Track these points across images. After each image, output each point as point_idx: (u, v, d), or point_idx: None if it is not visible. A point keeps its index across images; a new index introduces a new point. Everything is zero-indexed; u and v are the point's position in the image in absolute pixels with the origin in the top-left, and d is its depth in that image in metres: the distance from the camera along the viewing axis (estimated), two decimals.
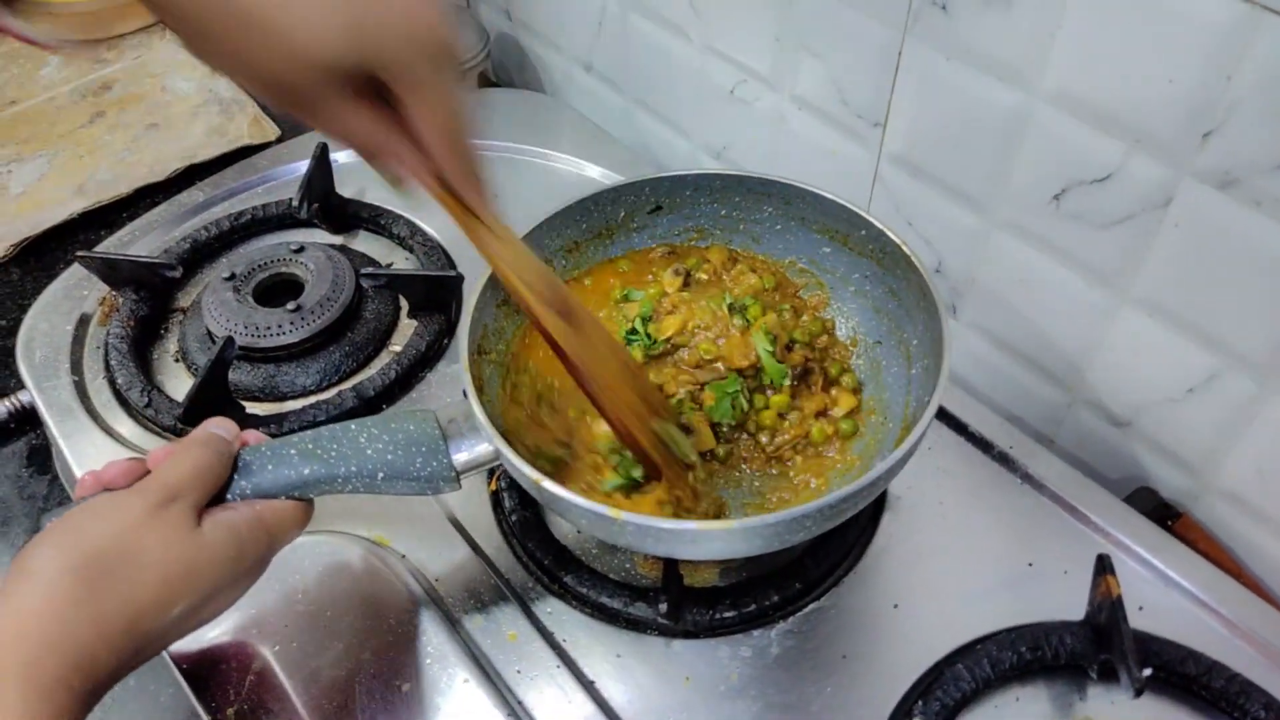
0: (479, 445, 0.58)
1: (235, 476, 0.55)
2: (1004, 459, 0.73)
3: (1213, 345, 0.65)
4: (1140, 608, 0.63)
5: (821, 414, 0.67)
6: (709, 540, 0.53)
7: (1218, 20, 0.55)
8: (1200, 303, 0.64)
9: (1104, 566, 0.61)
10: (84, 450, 0.75)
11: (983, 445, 0.74)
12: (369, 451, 0.57)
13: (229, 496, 0.55)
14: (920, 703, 0.59)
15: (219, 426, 0.57)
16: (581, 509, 0.53)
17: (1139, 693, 0.56)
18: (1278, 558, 0.69)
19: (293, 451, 0.56)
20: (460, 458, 0.58)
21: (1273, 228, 0.58)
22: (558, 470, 0.62)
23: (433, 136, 0.47)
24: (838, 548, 0.68)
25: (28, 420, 0.85)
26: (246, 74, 0.45)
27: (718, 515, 0.63)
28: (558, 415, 0.66)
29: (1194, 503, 0.72)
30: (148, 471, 0.54)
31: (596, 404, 0.59)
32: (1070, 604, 0.63)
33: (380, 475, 0.57)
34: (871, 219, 0.67)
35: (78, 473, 0.74)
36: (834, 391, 0.68)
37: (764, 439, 0.66)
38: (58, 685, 0.45)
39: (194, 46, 0.45)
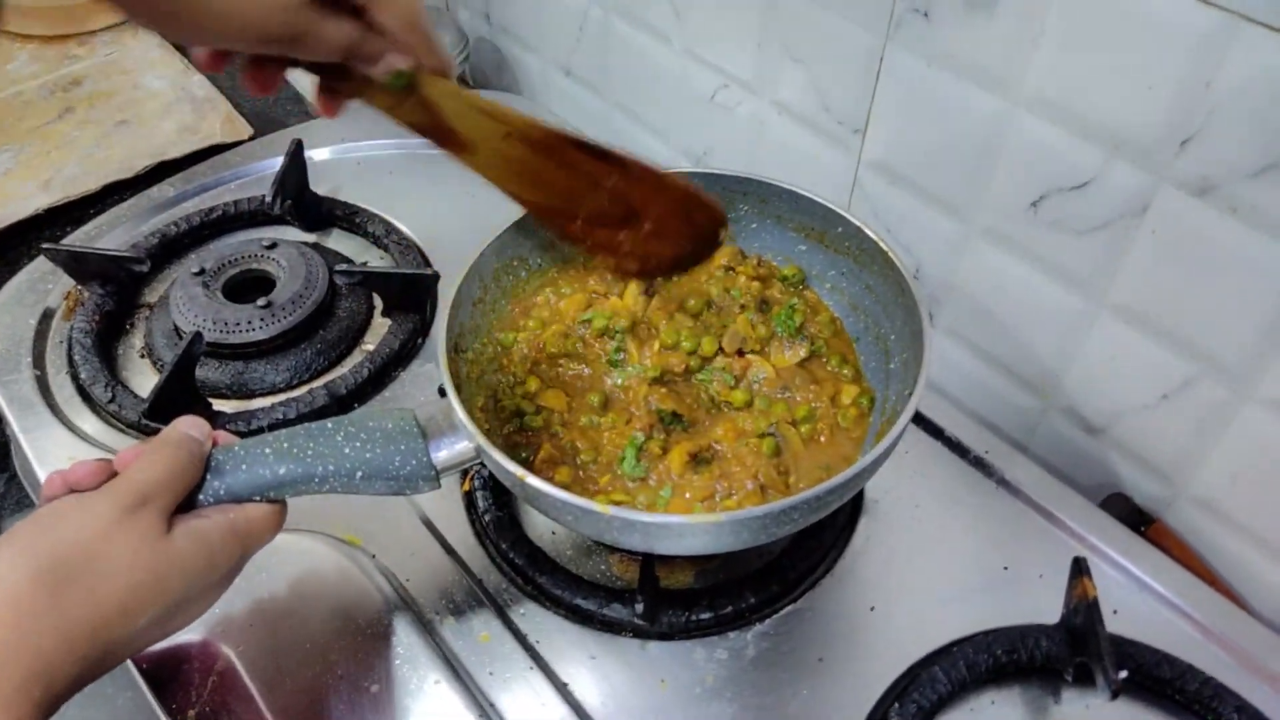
0: (459, 443, 0.57)
1: (208, 477, 0.53)
2: (980, 463, 0.73)
3: (1188, 351, 0.66)
4: (1115, 611, 0.63)
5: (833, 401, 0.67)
6: (695, 534, 0.52)
7: (1197, 28, 0.56)
8: (1176, 309, 0.65)
9: (1080, 569, 0.61)
10: (45, 446, 0.73)
11: (959, 450, 0.74)
12: (346, 450, 0.56)
13: (201, 498, 0.53)
14: (897, 705, 0.59)
15: (191, 426, 0.55)
16: (567, 504, 0.52)
17: (1115, 694, 0.56)
18: (1249, 563, 0.69)
19: (268, 451, 0.55)
20: (440, 456, 0.57)
21: (1248, 234, 0.59)
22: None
23: (396, 27, 0.51)
24: (814, 550, 0.67)
25: None
26: (236, 35, 0.47)
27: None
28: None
29: (1166, 509, 0.73)
30: (115, 473, 0.52)
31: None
32: (1045, 608, 0.63)
33: (359, 474, 0.56)
34: (848, 216, 0.67)
35: (38, 468, 0.72)
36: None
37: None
38: (17, 694, 0.43)
39: (171, 26, 0.47)
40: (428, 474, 0.57)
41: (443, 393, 0.74)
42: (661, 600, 0.63)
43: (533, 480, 0.52)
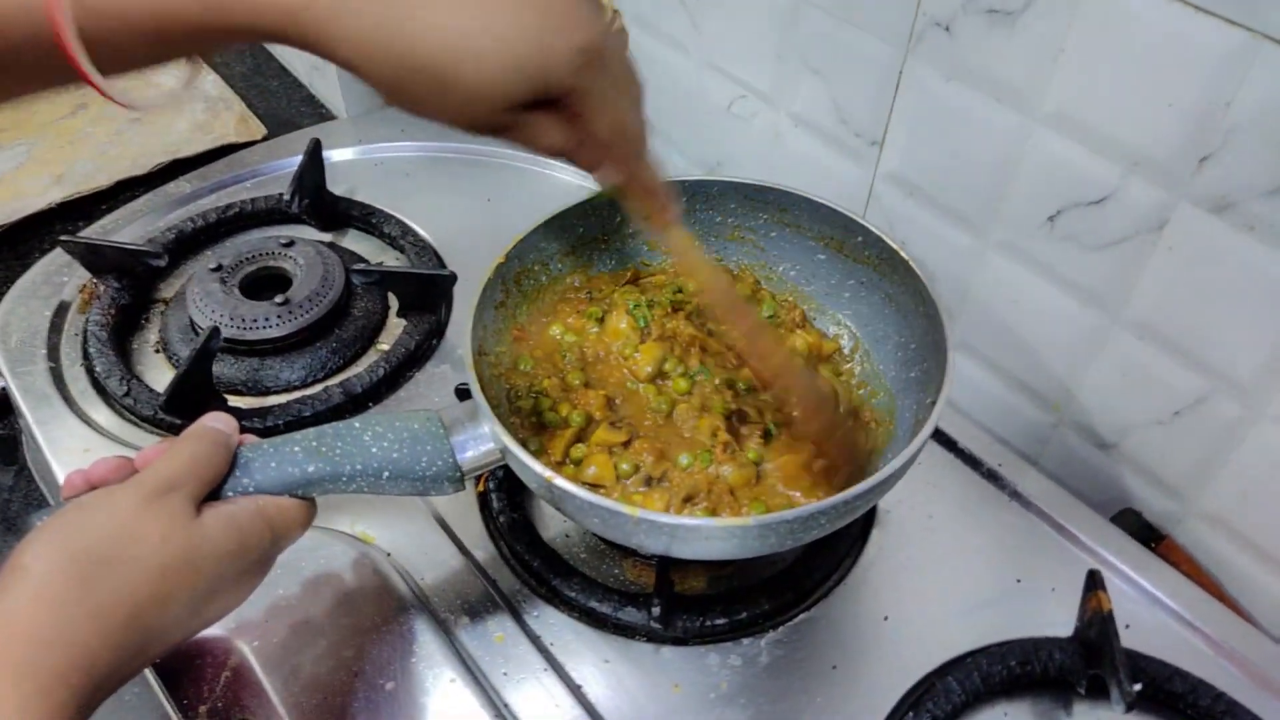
0: (484, 445, 0.57)
1: (238, 473, 0.53)
2: (992, 476, 0.74)
3: (1201, 368, 0.66)
4: (1126, 626, 0.63)
5: None
6: (721, 537, 0.52)
7: (1218, 47, 0.56)
8: (1190, 325, 0.65)
9: (1095, 582, 0.61)
10: (59, 438, 0.73)
11: (972, 462, 0.75)
12: (374, 450, 0.56)
13: (229, 492, 0.53)
14: (911, 714, 0.59)
15: (217, 420, 0.55)
16: (595, 506, 0.52)
17: (1130, 708, 0.56)
18: (1259, 581, 0.69)
19: (296, 449, 0.55)
20: (465, 457, 0.57)
21: (1265, 251, 0.59)
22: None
23: (610, 142, 0.52)
24: (827, 559, 0.67)
25: None
26: (445, 120, 0.50)
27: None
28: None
29: (1176, 526, 0.73)
30: (136, 470, 0.52)
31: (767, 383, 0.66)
32: (1057, 621, 0.63)
33: (385, 474, 0.56)
34: (868, 224, 0.68)
35: (52, 460, 0.72)
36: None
37: None
38: (56, 683, 0.43)
39: (392, 101, 0.50)
40: (453, 475, 0.57)
41: (459, 394, 0.74)
42: (676, 605, 0.63)
43: (560, 481, 0.52)
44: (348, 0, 0.45)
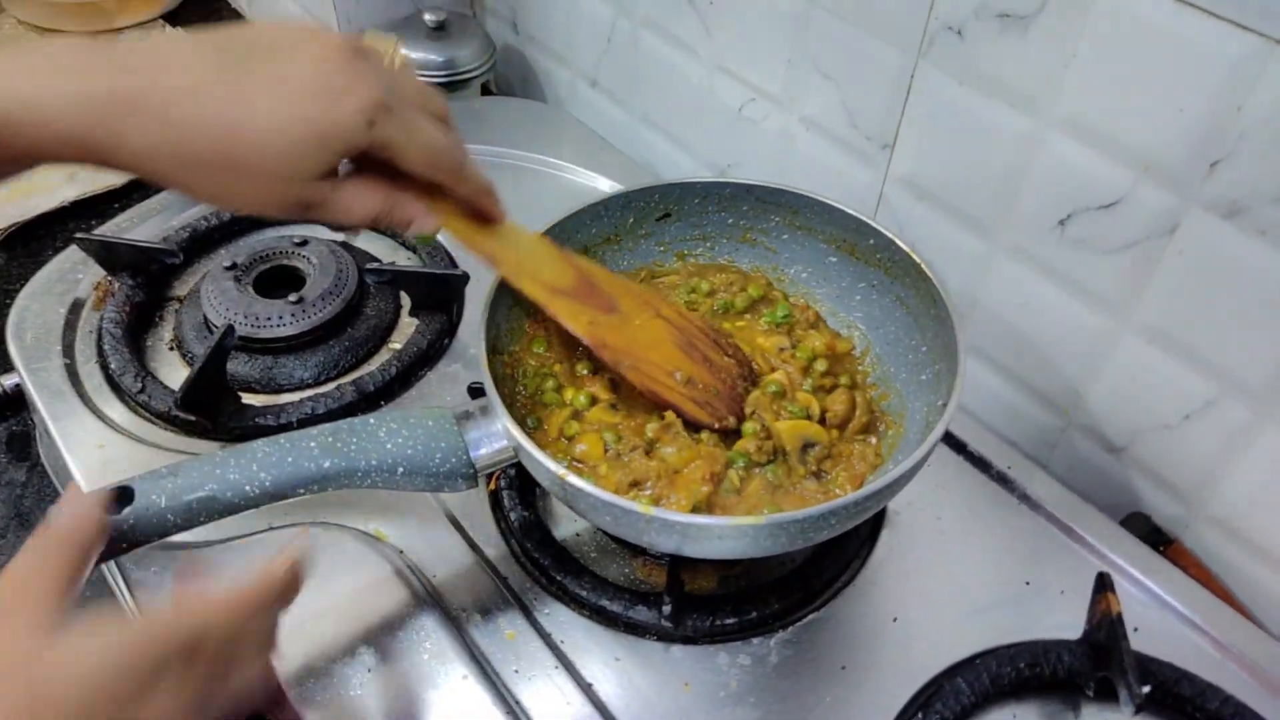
0: (497, 442, 0.57)
1: (255, 469, 0.53)
2: (1002, 479, 0.74)
3: (1211, 373, 0.66)
4: (1135, 629, 0.64)
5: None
6: (734, 536, 0.52)
7: (1230, 52, 0.57)
8: (1201, 330, 0.66)
9: (1104, 584, 0.61)
10: (74, 434, 0.74)
11: (981, 465, 0.75)
12: (389, 446, 0.56)
13: (248, 489, 0.53)
14: (920, 715, 0.59)
15: (74, 508, 0.47)
16: (608, 505, 0.52)
17: (1138, 710, 0.56)
18: (1267, 586, 0.69)
19: (313, 445, 0.55)
20: (479, 455, 0.57)
21: (1276, 256, 0.60)
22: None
23: (429, 174, 0.53)
24: (837, 559, 0.68)
25: (7, 406, 0.83)
26: (246, 208, 0.50)
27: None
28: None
29: (1184, 530, 0.73)
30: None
31: (631, 379, 0.64)
32: (1066, 623, 0.63)
33: (400, 470, 0.56)
34: (880, 227, 0.68)
35: (67, 456, 0.72)
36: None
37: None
38: None
39: (195, 198, 0.50)
40: (466, 472, 0.57)
41: (472, 392, 0.75)
42: (686, 604, 0.63)
43: (573, 479, 0.53)
44: (128, 115, 0.45)
